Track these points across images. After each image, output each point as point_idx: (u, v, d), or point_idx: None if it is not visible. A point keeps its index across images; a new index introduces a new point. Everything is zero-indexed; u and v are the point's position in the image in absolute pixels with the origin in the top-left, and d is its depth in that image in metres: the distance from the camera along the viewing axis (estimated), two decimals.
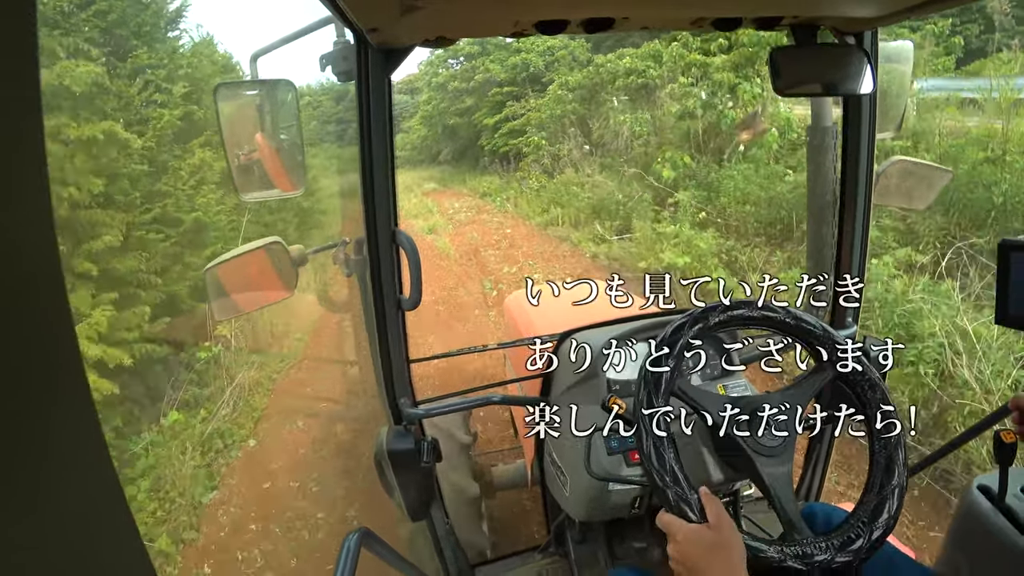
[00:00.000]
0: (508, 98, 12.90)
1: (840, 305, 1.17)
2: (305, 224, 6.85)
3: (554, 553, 1.47)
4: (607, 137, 8.76)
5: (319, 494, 2.96)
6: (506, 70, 13.17)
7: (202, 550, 2.70)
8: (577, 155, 9.15)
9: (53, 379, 0.22)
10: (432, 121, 16.74)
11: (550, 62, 12.55)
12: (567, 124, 9.82)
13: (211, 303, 1.18)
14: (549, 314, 1.73)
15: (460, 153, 15.65)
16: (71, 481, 0.23)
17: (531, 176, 10.08)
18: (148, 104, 4.36)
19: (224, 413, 3.67)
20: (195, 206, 4.45)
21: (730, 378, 1.20)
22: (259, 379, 4.22)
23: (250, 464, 3.33)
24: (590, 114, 9.63)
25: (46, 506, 0.22)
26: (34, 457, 0.21)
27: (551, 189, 9.00)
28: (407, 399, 1.13)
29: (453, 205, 10.77)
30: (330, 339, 5.15)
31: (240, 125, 1.07)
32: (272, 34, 1.11)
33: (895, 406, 0.82)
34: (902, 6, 0.85)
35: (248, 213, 5.15)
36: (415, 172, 16.14)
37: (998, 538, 0.87)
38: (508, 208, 9.78)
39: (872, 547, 0.75)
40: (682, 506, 0.71)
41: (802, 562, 0.72)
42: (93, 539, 0.24)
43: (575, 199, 8.01)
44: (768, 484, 0.78)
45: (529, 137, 11.00)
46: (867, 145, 1.08)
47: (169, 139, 4.40)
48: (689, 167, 6.29)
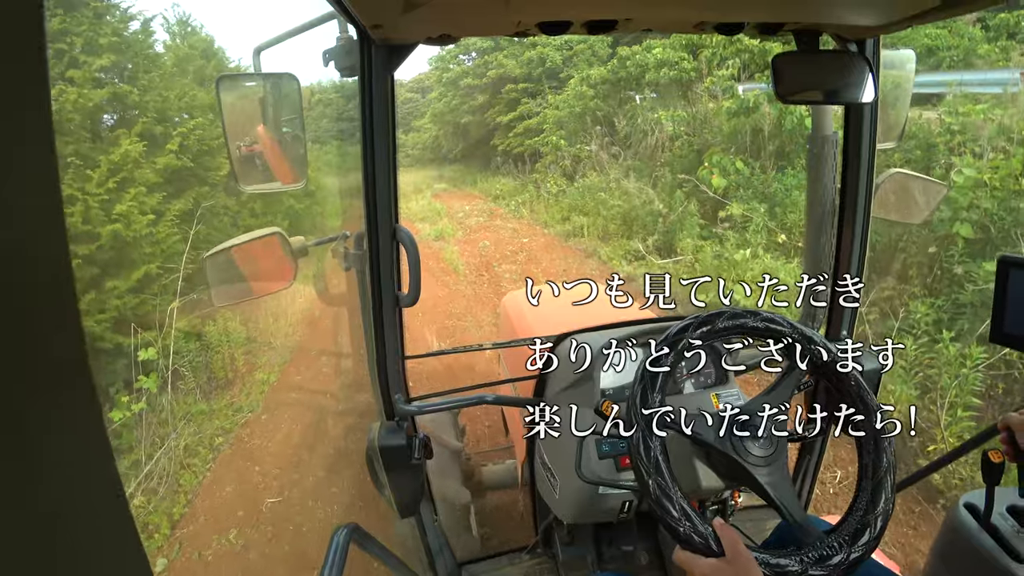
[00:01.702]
0: (523, 95, 12.27)
1: (835, 308, 1.17)
2: (298, 230, 6.20)
3: (541, 554, 1.47)
4: (634, 137, 7.84)
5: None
6: (521, 65, 12.43)
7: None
8: (605, 156, 8.17)
9: (58, 377, 0.23)
10: (443, 119, 16.12)
11: (568, 57, 11.72)
12: (589, 123, 8.93)
13: (210, 289, 1.19)
14: (547, 315, 1.72)
15: (471, 153, 15.12)
16: (72, 480, 0.23)
17: (549, 179, 9.33)
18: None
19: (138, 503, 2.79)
20: (112, 216, 3.51)
21: (723, 386, 1.20)
22: (203, 439, 3.30)
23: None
24: (614, 112, 8.64)
25: (46, 505, 0.22)
26: (36, 455, 0.21)
27: (572, 194, 8.20)
28: (400, 395, 1.13)
29: (463, 208, 10.11)
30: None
31: (242, 117, 1.08)
32: (275, 28, 1.11)
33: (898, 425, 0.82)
34: (904, 14, 0.85)
35: (205, 222, 4.42)
36: (425, 171, 15.75)
37: (983, 557, 0.87)
38: (523, 214, 8.99)
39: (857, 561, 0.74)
40: (695, 540, 0.69)
41: (823, 567, 0.71)
42: (91, 540, 0.25)
43: (602, 207, 7.02)
44: (769, 492, 0.77)
45: (547, 136, 10.24)
46: (867, 154, 1.08)
47: (75, 125, 3.52)
48: (742, 174, 5.31)
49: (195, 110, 5.19)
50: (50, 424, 0.22)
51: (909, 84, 1.12)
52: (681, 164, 6.40)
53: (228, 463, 3.23)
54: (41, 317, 0.22)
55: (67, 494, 0.23)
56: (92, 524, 0.25)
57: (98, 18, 4.32)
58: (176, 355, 3.58)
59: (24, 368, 0.21)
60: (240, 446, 3.38)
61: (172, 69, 5.35)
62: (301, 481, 3.01)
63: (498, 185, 11.45)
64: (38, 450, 0.21)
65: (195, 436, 3.30)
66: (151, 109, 4.45)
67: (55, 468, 0.22)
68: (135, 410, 3.13)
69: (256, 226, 5.43)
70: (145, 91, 4.39)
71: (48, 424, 0.22)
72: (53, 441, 0.22)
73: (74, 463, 0.23)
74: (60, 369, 0.22)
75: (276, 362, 4.47)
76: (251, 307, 4.86)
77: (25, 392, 0.21)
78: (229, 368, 4.17)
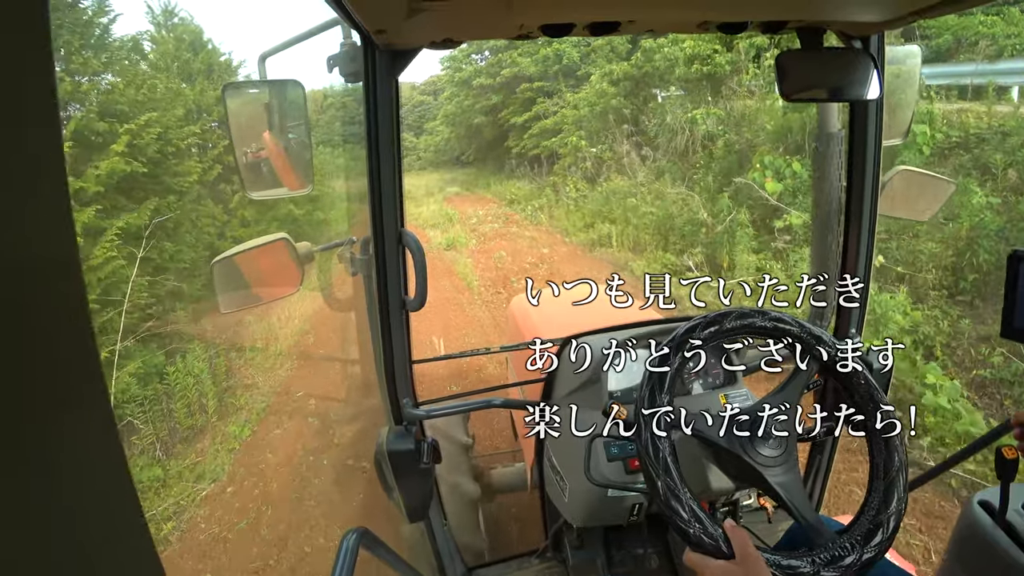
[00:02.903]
0: (539, 94, 11.67)
1: (843, 307, 1.16)
2: (299, 237, 5.66)
3: (551, 558, 1.46)
4: (662, 137, 7.24)
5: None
6: (536, 63, 11.77)
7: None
8: (635, 158, 7.46)
9: (70, 377, 0.23)
10: (455, 120, 15.57)
11: (586, 53, 11.00)
12: (613, 122, 8.28)
13: (218, 296, 1.20)
14: (554, 317, 1.72)
15: (484, 155, 14.69)
16: (84, 481, 0.23)
17: (568, 182, 8.76)
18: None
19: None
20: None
21: (732, 387, 1.19)
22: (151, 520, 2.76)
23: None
24: (639, 110, 8.05)
25: (58, 504, 0.22)
26: (47, 456, 0.21)
27: (595, 199, 7.58)
28: (409, 399, 1.13)
29: (476, 213, 9.65)
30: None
31: (248, 124, 1.09)
32: (280, 35, 1.12)
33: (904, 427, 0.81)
34: (908, 9, 0.85)
35: (176, 238, 3.80)
36: (436, 174, 15.42)
37: (998, 554, 0.86)
38: (541, 219, 8.41)
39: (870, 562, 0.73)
40: (706, 542, 0.69)
41: (835, 568, 0.70)
42: (104, 540, 0.25)
43: (631, 214, 6.33)
44: (780, 493, 0.77)
45: (565, 137, 9.66)
46: (873, 151, 1.07)
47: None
48: (800, 177, 4.57)
49: (158, 103, 4.48)
50: (62, 429, 0.22)
51: (915, 80, 1.11)
52: (720, 166, 5.80)
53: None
54: (50, 317, 0.22)
55: (78, 496, 0.23)
56: (105, 527, 0.24)
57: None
58: (129, 403, 3.21)
59: (34, 369, 0.21)
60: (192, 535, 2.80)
61: (127, 51, 4.60)
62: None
63: (513, 188, 11.04)
64: (49, 452, 0.21)
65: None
66: (93, 102, 3.81)
67: (66, 470, 0.22)
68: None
69: (246, 236, 5.12)
70: (81, 73, 3.74)
71: (61, 428, 0.22)
72: (64, 443, 0.22)
73: (85, 465, 0.23)
74: (70, 370, 0.22)
75: (256, 405, 3.84)
76: (236, 334, 4.48)
77: (34, 394, 0.21)
78: (198, 412, 3.70)
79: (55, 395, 0.22)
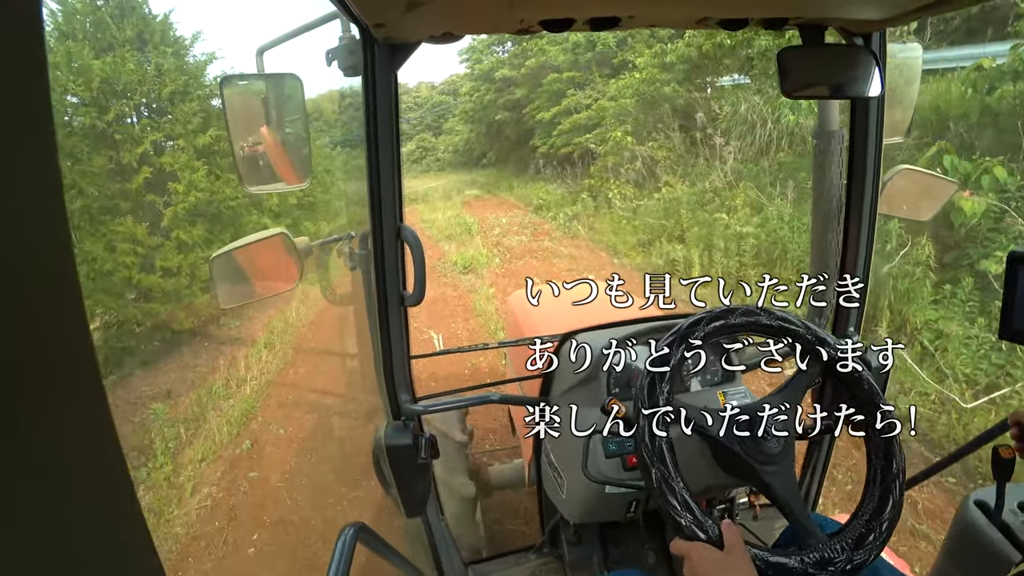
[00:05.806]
0: (569, 86, 10.15)
1: (842, 307, 1.16)
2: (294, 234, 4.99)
3: (548, 554, 1.47)
4: (734, 132, 5.87)
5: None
6: (565, 51, 10.32)
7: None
8: (728, 159, 5.78)
9: (65, 376, 0.22)
10: (475, 117, 14.22)
11: (623, 39, 9.47)
12: (670, 113, 6.70)
13: (216, 290, 1.20)
14: (551, 314, 1.72)
15: (506, 155, 13.33)
16: (82, 480, 0.23)
17: (610, 186, 7.20)
18: None
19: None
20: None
21: (730, 384, 1.19)
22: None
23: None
24: (706, 99, 6.41)
25: (57, 505, 0.22)
26: (44, 456, 0.21)
27: (651, 209, 6.05)
28: (407, 395, 1.13)
29: (499, 221, 8.24)
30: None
31: (245, 117, 1.08)
32: (278, 28, 1.11)
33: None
34: (910, 7, 0.84)
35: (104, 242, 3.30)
36: (455, 176, 14.31)
37: (993, 553, 0.86)
38: (579, 231, 6.82)
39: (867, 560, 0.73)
40: (697, 532, 0.70)
41: (823, 569, 0.71)
42: (103, 540, 0.24)
43: (716, 235, 4.61)
44: (774, 491, 0.77)
45: (605, 132, 8.05)
46: (874, 149, 1.07)
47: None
48: (1006, 190, 2.98)
49: (89, 81, 3.95)
50: (60, 424, 0.22)
51: (916, 77, 1.11)
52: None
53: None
54: (45, 314, 0.21)
55: (76, 494, 0.23)
56: (103, 526, 0.24)
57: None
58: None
59: (33, 366, 0.21)
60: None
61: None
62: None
63: (541, 192, 9.49)
64: (45, 449, 0.21)
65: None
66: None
67: (63, 468, 0.22)
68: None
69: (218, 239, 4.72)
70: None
71: (59, 424, 0.22)
72: (61, 440, 0.22)
73: (85, 465, 0.23)
74: (64, 367, 0.22)
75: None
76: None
77: (31, 390, 0.21)
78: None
79: (52, 395, 0.22)
